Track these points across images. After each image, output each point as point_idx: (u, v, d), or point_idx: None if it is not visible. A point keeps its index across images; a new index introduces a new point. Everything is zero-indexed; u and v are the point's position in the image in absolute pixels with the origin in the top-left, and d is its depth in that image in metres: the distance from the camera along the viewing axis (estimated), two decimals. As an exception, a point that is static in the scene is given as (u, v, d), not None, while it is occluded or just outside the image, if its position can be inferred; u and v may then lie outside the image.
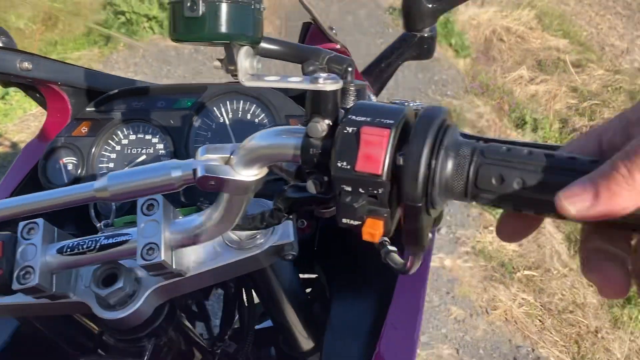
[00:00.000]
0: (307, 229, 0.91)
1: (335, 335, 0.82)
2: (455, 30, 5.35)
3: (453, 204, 3.25)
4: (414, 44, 0.87)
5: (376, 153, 0.44)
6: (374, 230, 0.47)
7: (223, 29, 0.49)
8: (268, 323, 1.09)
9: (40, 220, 0.65)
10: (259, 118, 0.94)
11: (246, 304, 0.94)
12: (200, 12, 0.48)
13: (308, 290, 1.09)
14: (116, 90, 0.97)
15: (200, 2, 0.47)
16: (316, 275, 1.06)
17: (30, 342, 0.89)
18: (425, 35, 0.86)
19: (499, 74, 5.04)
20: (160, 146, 0.94)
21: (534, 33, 5.99)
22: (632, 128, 0.40)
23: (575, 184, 0.39)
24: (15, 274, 0.62)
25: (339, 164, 0.45)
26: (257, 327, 1.12)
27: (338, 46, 0.77)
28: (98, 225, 0.76)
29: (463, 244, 3.01)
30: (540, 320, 2.66)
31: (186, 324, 0.85)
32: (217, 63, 0.52)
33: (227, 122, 0.94)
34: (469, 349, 2.47)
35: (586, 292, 2.85)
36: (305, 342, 0.94)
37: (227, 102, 0.95)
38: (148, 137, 0.95)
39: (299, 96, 0.95)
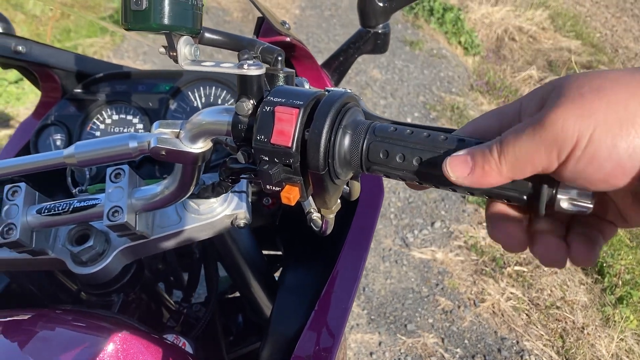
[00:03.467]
0: (272, 205, 1.00)
1: (285, 293, 0.90)
2: (465, 28, 5.37)
3: (449, 198, 3.31)
4: (368, 39, 0.94)
5: (287, 129, 0.52)
6: (289, 194, 0.55)
7: (165, 20, 0.57)
8: (238, 294, 1.18)
9: (22, 184, 0.74)
10: (229, 103, 1.03)
11: (211, 274, 1.03)
12: (144, 6, 0.56)
13: (277, 266, 1.17)
14: (102, 74, 1.07)
15: None
16: (279, 252, 1.14)
17: (18, 296, 0.98)
18: (379, 31, 0.94)
19: (508, 73, 5.06)
20: (140, 126, 1.04)
21: (546, 33, 5.99)
22: (523, 115, 0.46)
23: (459, 154, 0.47)
24: None
25: (259, 137, 0.53)
26: (228, 296, 1.21)
27: (288, 39, 0.84)
28: (74, 191, 0.85)
29: (456, 238, 3.07)
30: (527, 315, 2.71)
31: (158, 286, 0.94)
32: (162, 49, 0.61)
33: (200, 105, 1.03)
34: (454, 339, 2.53)
35: (577, 290, 2.90)
36: (268, 310, 1.02)
37: (201, 88, 1.04)
38: (129, 117, 1.04)
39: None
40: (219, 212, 0.78)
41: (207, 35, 0.65)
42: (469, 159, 0.46)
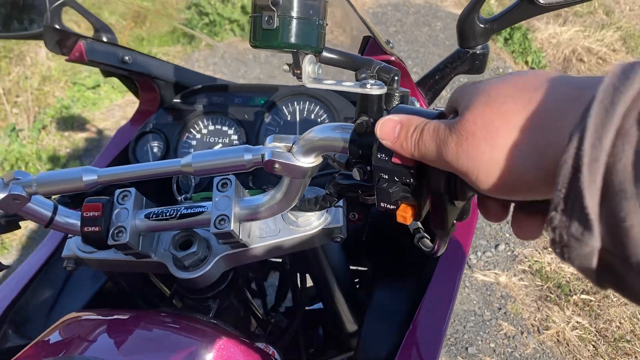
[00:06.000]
0: (357, 221, 1.01)
1: (374, 316, 0.90)
2: (532, 48, 5.27)
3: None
4: (466, 60, 0.94)
5: None
6: (405, 213, 0.56)
7: (292, 39, 0.59)
8: (319, 306, 1.18)
9: (132, 189, 0.77)
10: (322, 118, 1.05)
11: (299, 285, 1.04)
12: (275, 26, 0.58)
13: (356, 280, 1.18)
14: (200, 86, 1.11)
15: (275, 17, 0.58)
16: (365, 268, 1.15)
17: (114, 295, 1.03)
18: (478, 52, 0.94)
19: (575, 94, 4.92)
20: (235, 137, 1.07)
21: (617, 55, 5.79)
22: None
23: (388, 117, 0.51)
24: (110, 232, 0.74)
25: (379, 156, 0.54)
26: (308, 308, 1.22)
27: (392, 58, 0.85)
28: (179, 198, 0.88)
29: (520, 262, 2.99)
30: (593, 346, 2.61)
31: (247, 294, 0.96)
32: (286, 67, 0.63)
33: (294, 119, 1.06)
34: (516, 366, 2.46)
35: (648, 323, 2.77)
36: (350, 325, 1.03)
37: (295, 102, 1.06)
38: (225, 128, 1.08)
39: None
40: (317, 225, 0.80)
41: (326, 54, 0.66)
42: (398, 126, 0.50)
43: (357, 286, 1.15)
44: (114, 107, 3.82)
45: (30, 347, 0.74)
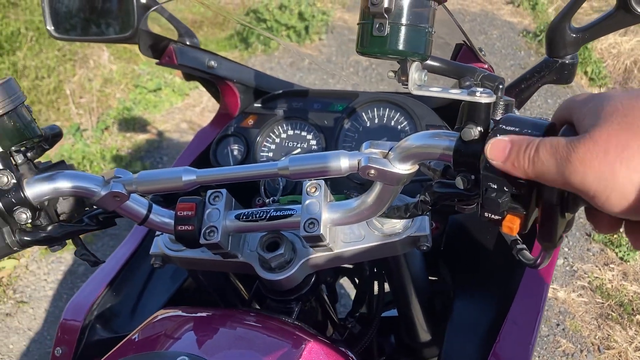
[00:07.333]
0: (435, 230, 1.00)
1: (456, 330, 0.89)
2: (592, 58, 5.12)
3: (572, 235, 3.15)
4: (555, 69, 0.92)
5: None
6: (512, 224, 0.55)
7: (401, 46, 0.60)
8: (391, 313, 1.18)
9: (224, 190, 0.79)
10: (402, 125, 1.05)
11: (377, 292, 1.04)
12: (386, 32, 0.59)
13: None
14: (280, 91, 1.13)
15: (387, 24, 0.59)
16: (436, 278, 1.14)
17: (191, 293, 1.05)
18: (567, 61, 0.92)
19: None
20: (314, 142, 1.08)
21: (681, 67, 5.58)
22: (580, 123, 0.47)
23: (498, 138, 0.50)
24: (202, 231, 0.76)
25: (488, 165, 0.53)
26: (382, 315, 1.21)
27: (486, 66, 0.85)
28: (267, 200, 0.89)
29: (580, 277, 2.90)
30: (658, 369, 2.51)
31: (325, 297, 0.97)
32: (391, 74, 0.63)
33: (373, 126, 1.06)
34: (575, 385, 2.39)
35: None
36: (424, 334, 1.02)
37: (375, 109, 1.06)
38: (304, 133, 1.09)
39: (438, 108, 1.05)
40: (402, 233, 0.79)
41: (429, 62, 0.67)
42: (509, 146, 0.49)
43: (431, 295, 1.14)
44: (174, 110, 3.92)
45: (125, 342, 0.76)
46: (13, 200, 0.68)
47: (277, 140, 1.11)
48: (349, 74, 4.24)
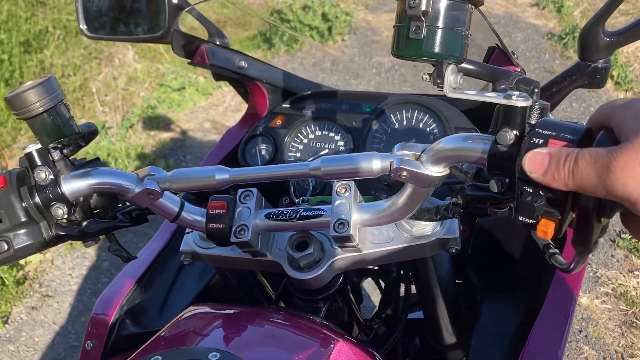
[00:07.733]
0: (463, 232, 1.00)
1: (483, 333, 0.89)
2: (619, 62, 5.04)
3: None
4: (587, 73, 0.91)
5: None
6: (547, 228, 0.55)
7: (437, 49, 0.60)
8: (416, 315, 1.18)
9: (254, 189, 0.80)
10: (431, 127, 1.05)
11: (404, 293, 1.04)
12: (422, 35, 0.59)
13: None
14: (309, 92, 1.13)
15: (424, 27, 0.59)
16: (462, 281, 1.13)
17: (217, 291, 1.06)
18: (599, 66, 0.91)
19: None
20: (341, 143, 1.09)
21: None
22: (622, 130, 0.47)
23: (536, 151, 0.50)
24: (233, 230, 0.77)
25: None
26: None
27: (519, 69, 0.84)
28: (296, 200, 0.90)
29: (603, 284, 2.87)
30: (683, 378, 2.46)
31: (352, 298, 0.97)
32: (426, 76, 0.64)
33: (402, 127, 1.06)
34: (597, 393, 2.36)
35: None
36: (450, 337, 1.02)
37: (404, 111, 1.07)
38: (332, 134, 1.10)
39: (466, 111, 1.04)
40: (431, 235, 0.79)
41: (464, 65, 0.67)
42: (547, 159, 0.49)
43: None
44: (197, 109, 3.95)
45: (157, 337, 0.78)
46: (50, 195, 0.70)
47: (305, 140, 1.12)
48: (372, 75, 4.23)
